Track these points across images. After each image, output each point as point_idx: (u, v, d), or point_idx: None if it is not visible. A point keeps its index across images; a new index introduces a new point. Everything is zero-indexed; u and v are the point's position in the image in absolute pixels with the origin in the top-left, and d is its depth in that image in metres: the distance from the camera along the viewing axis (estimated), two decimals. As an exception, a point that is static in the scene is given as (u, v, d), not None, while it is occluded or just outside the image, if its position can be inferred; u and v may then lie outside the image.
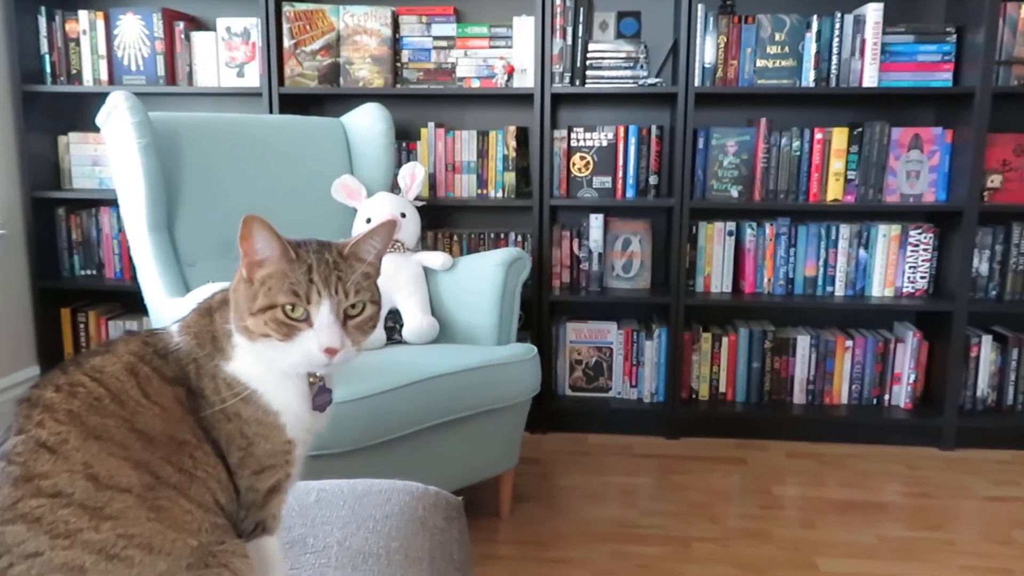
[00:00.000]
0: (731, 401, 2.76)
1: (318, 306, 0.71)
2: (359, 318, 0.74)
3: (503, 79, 2.67)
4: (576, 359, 2.81)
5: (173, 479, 0.67)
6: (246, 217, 0.71)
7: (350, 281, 0.72)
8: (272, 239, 0.72)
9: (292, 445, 0.76)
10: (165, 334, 0.74)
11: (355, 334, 0.73)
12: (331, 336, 0.70)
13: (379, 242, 0.75)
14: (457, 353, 1.98)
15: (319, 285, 0.71)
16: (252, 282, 0.73)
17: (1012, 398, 2.67)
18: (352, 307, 0.73)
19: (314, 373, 0.76)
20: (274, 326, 0.71)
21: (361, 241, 0.75)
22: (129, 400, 0.68)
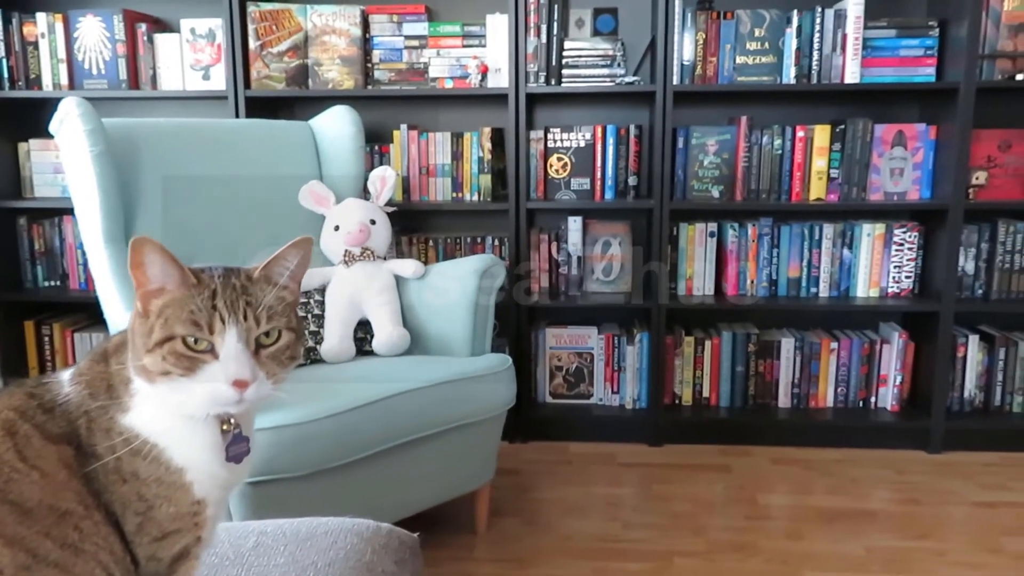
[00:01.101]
0: (715, 406, 2.70)
1: (223, 335, 0.63)
2: (273, 347, 0.66)
3: (477, 79, 2.59)
4: (556, 365, 2.74)
5: (54, 556, 0.59)
6: (135, 240, 0.63)
7: (261, 306, 0.65)
8: (168, 264, 0.65)
9: (202, 505, 0.67)
10: (55, 384, 0.66)
11: (269, 365, 0.66)
12: (240, 367, 0.62)
13: (293, 262, 0.68)
14: (428, 366, 1.91)
15: (223, 312, 0.63)
16: (148, 315, 0.65)
17: (1000, 399, 2.62)
18: (265, 335, 0.66)
19: (228, 420, 0.68)
20: (173, 360, 0.63)
21: (272, 262, 0.68)
22: (2, 466, 0.60)
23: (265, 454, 1.54)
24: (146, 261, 0.64)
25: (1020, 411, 2.61)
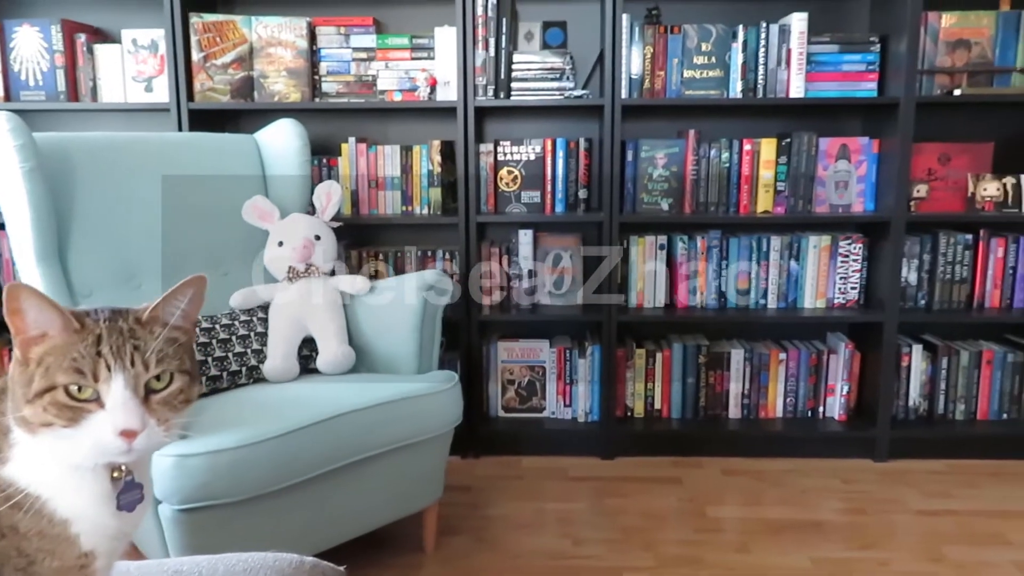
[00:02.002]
0: (667, 418, 2.70)
1: (109, 382, 0.60)
2: (165, 392, 0.63)
3: (426, 92, 2.58)
4: (508, 379, 2.73)
5: None
6: (9, 286, 0.60)
7: (150, 350, 0.62)
8: (47, 308, 0.61)
9: (90, 558, 0.64)
10: (-70, 434, 0.62)
11: (161, 411, 0.63)
12: (127, 416, 0.59)
13: (186, 301, 0.66)
14: (372, 385, 1.88)
15: (109, 358, 0.60)
16: (28, 363, 0.62)
17: (943, 407, 2.67)
18: (156, 379, 0.63)
19: (119, 466, 0.65)
20: (55, 411, 0.60)
21: (163, 302, 0.65)
22: None
23: (200, 479, 1.50)
24: (23, 307, 0.61)
25: (963, 419, 2.67)
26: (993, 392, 2.65)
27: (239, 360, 1.97)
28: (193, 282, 0.66)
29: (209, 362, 1.91)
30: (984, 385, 2.65)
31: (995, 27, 2.46)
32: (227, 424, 1.62)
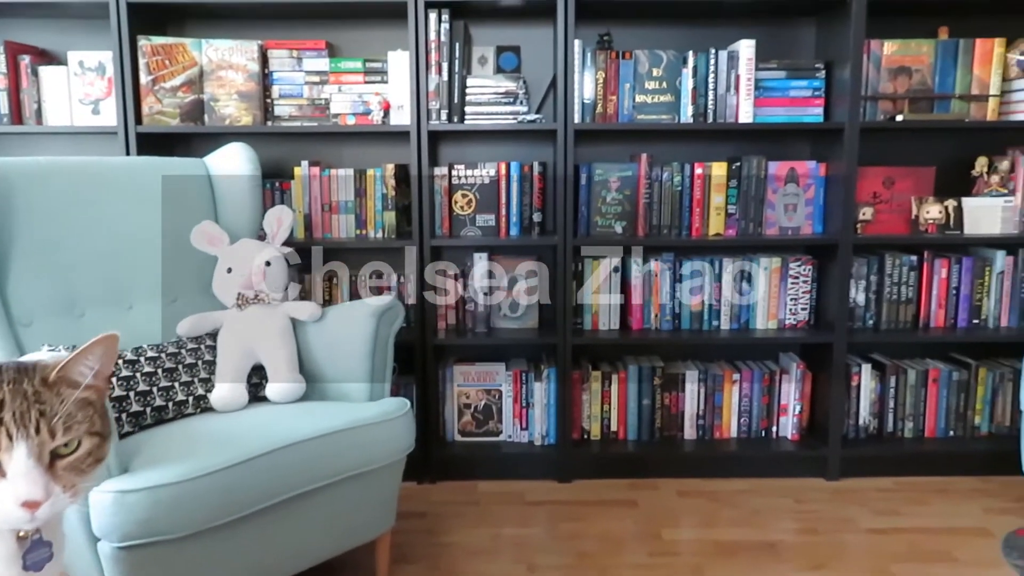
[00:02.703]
0: (623, 440, 2.71)
1: (11, 452, 0.58)
2: (72, 457, 0.61)
3: (379, 116, 2.57)
4: (465, 403, 2.71)
5: None
6: None
7: (57, 415, 0.60)
8: None
9: None
10: None
11: (67, 476, 0.61)
12: (30, 487, 0.57)
13: (97, 360, 0.63)
14: (322, 413, 1.85)
15: (11, 426, 0.58)
16: None
17: (892, 425, 2.72)
18: (64, 445, 0.61)
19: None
20: None
21: (72, 362, 0.63)
22: None
23: (140, 516, 1.46)
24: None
25: (911, 436, 2.72)
26: (940, 410, 2.71)
27: (186, 389, 1.93)
28: (104, 341, 0.64)
29: (154, 391, 1.87)
30: (931, 403, 2.70)
31: (934, 55, 2.53)
32: (171, 457, 1.59)
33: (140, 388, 1.84)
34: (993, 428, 2.72)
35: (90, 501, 1.47)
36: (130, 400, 1.81)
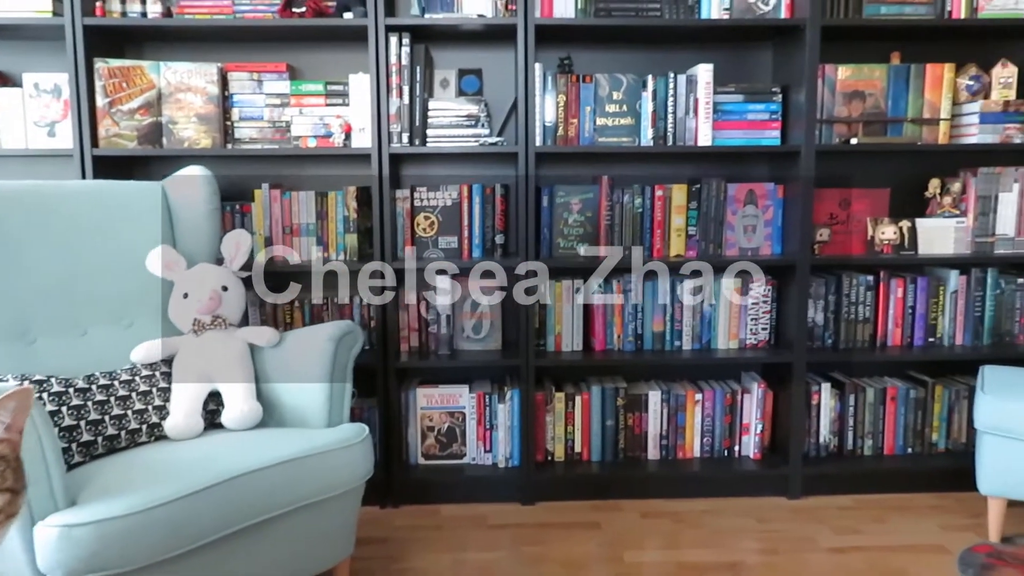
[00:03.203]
0: (587, 461, 2.71)
1: None
2: None
3: (341, 138, 2.56)
4: (428, 426, 2.70)
5: None
6: None
7: None
8: None
9: None
10: None
11: None
12: None
13: (9, 414, 0.62)
14: (278, 440, 1.83)
15: None
16: None
17: (852, 443, 2.75)
18: None
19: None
20: None
21: None
22: None
23: (88, 550, 1.43)
24: None
25: (871, 454, 2.75)
26: (898, 427, 2.75)
27: (139, 418, 1.90)
28: (16, 395, 0.63)
29: (107, 420, 1.83)
30: (889, 421, 2.74)
31: (887, 79, 2.58)
32: (121, 488, 1.56)
33: (91, 417, 1.80)
34: (950, 445, 2.76)
35: (35, 536, 1.44)
36: (81, 429, 1.78)
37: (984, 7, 2.57)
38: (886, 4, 2.56)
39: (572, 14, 2.52)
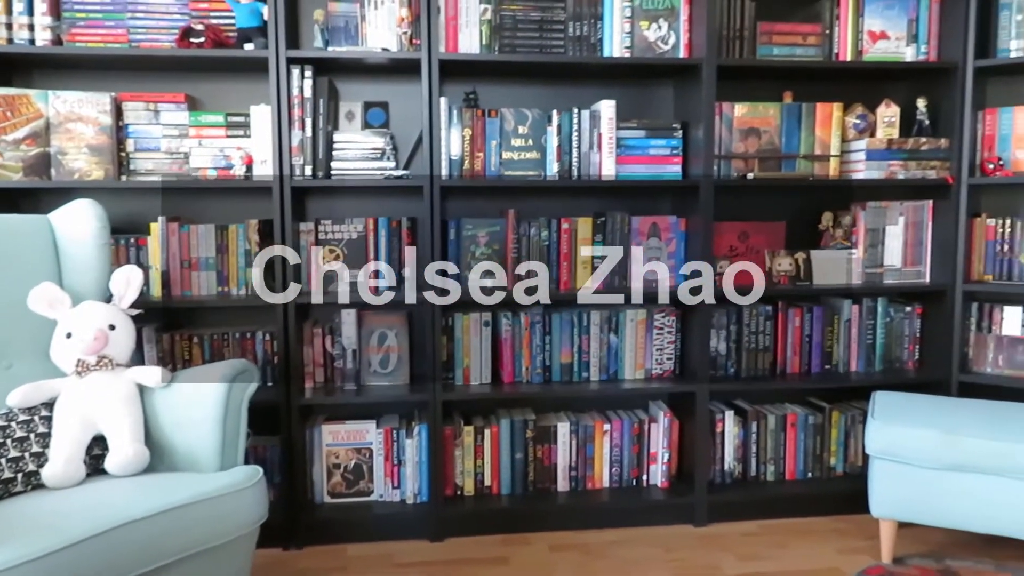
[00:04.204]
0: (497, 495, 2.69)
1: None
2: None
3: (242, 170, 2.51)
4: (334, 463, 2.64)
5: None
6: None
7: None
8: None
9: None
10: None
11: None
12: None
13: None
14: (164, 487, 1.76)
15: None
16: None
17: (755, 469, 2.81)
18: None
19: None
20: None
21: None
22: None
23: (-57, 615, 1.34)
24: None
25: (773, 479, 2.82)
26: (798, 452, 2.83)
27: (14, 465, 1.80)
28: None
29: (-23, 470, 1.73)
30: (790, 446, 2.82)
31: (780, 117, 2.69)
32: (-15, 545, 1.46)
33: (-41, 467, 1.69)
34: (847, 468, 2.85)
35: None
36: (-54, 481, 1.67)
37: (868, 50, 2.71)
38: (778, 46, 2.67)
39: (477, 50, 2.55)
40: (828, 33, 2.70)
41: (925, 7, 2.72)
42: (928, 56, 2.73)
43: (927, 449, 2.23)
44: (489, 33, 2.56)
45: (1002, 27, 2.64)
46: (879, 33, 2.72)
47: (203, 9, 2.48)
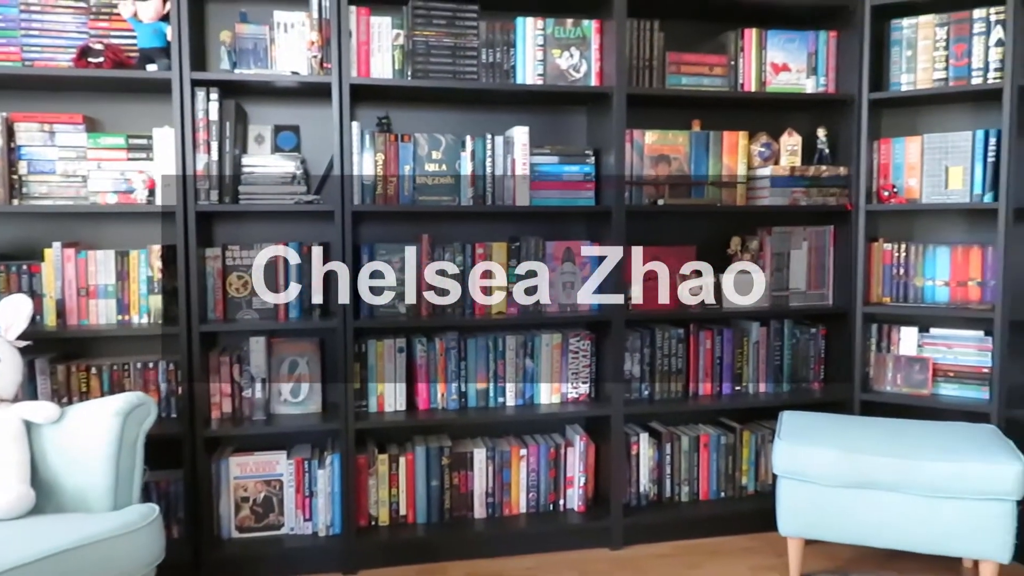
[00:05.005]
0: (412, 524, 2.65)
1: None
2: None
3: (144, 194, 2.42)
4: (242, 496, 2.55)
5: None
6: None
7: None
8: None
9: None
10: None
11: None
12: None
13: None
14: (51, 529, 1.66)
15: None
16: None
17: (670, 490, 2.85)
18: None
19: None
20: None
21: None
22: None
23: None
24: None
25: (688, 500, 2.86)
26: (711, 473, 2.87)
27: None
28: None
29: None
30: (703, 467, 2.87)
31: (689, 145, 2.76)
32: None
33: None
34: (759, 487, 2.92)
35: None
36: None
37: (771, 81, 2.81)
38: (687, 75, 2.75)
39: (390, 75, 2.54)
40: (734, 64, 2.79)
41: (824, 42, 2.85)
42: (827, 88, 2.85)
43: (829, 467, 2.30)
44: (402, 58, 2.55)
45: (893, 62, 2.77)
46: (781, 65, 2.83)
47: (103, 28, 2.40)
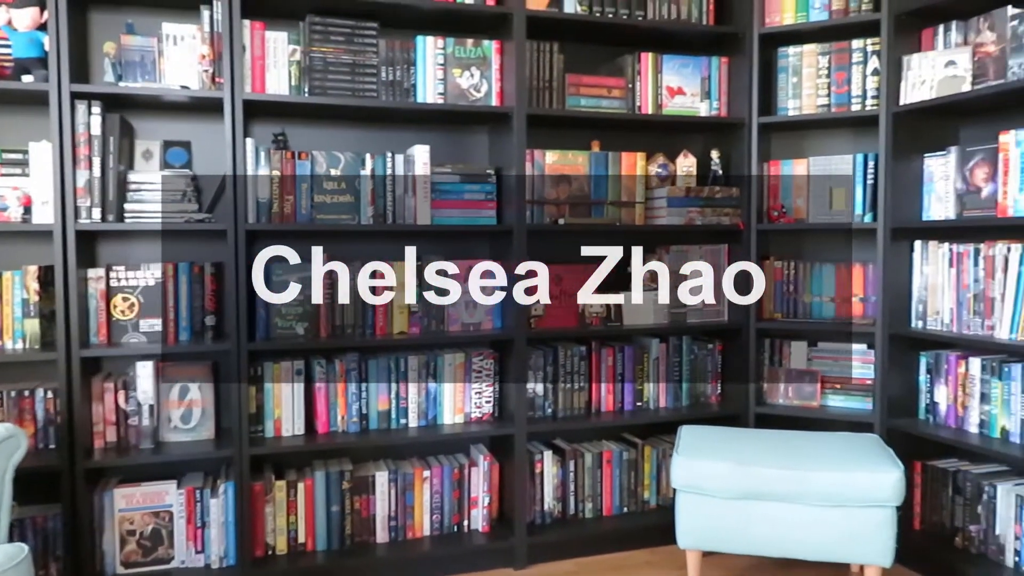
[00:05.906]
0: (312, 551, 2.57)
1: None
2: None
3: (19, 212, 2.29)
4: (128, 530, 2.42)
5: None
6: None
7: None
8: None
9: None
10: None
11: None
12: None
13: None
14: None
15: None
16: None
17: (574, 507, 2.86)
18: None
19: None
20: None
21: None
22: None
23: None
24: None
25: (592, 516, 2.88)
26: (615, 488, 2.91)
27: None
28: None
29: None
30: (606, 482, 2.89)
31: (589, 165, 2.80)
32: None
33: None
34: (660, 501, 2.96)
35: None
36: None
37: (667, 104, 2.90)
38: (586, 97, 2.80)
39: (286, 91, 2.49)
40: (631, 87, 2.85)
41: (716, 67, 2.95)
42: (720, 112, 2.95)
43: (724, 480, 2.35)
44: (299, 74, 2.51)
45: (780, 88, 2.90)
46: (677, 89, 2.91)
47: (-27, 36, 2.26)
